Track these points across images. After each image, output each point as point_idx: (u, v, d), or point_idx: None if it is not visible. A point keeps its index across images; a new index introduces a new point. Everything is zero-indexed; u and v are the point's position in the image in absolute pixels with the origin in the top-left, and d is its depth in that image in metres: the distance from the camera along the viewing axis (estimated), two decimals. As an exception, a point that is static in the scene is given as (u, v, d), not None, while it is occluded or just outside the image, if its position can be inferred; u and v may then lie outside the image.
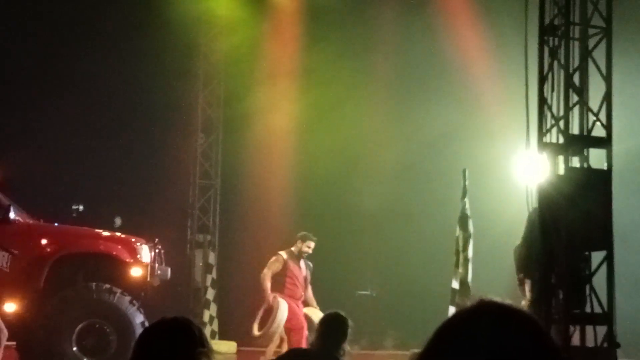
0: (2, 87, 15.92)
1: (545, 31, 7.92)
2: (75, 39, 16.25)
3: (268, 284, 11.75)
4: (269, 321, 11.50)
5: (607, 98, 7.82)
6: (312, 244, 12.12)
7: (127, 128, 16.66)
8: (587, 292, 7.50)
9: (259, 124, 17.31)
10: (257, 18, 17.25)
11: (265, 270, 11.86)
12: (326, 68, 16.47)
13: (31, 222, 11.46)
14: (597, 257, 7.63)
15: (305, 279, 12.16)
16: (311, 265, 12.30)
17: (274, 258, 12.02)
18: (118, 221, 13.24)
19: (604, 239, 7.58)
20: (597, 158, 7.85)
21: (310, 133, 16.83)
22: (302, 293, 12.07)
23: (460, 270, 11.27)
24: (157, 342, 3.35)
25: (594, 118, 7.82)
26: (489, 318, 1.63)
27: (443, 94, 16.84)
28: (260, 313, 11.72)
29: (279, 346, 12.12)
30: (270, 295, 11.63)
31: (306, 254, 12.14)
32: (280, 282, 11.90)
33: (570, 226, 7.42)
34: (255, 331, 11.63)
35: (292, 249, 12.13)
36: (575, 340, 7.55)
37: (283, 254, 12.05)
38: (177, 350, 3.30)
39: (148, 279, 11.57)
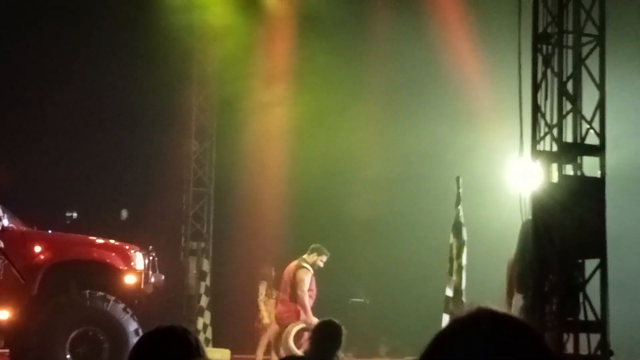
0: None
1: (538, 39, 7.95)
2: (69, 45, 16.23)
3: (308, 304, 11.60)
4: (302, 340, 11.33)
5: (601, 106, 7.84)
6: (325, 259, 11.98)
7: (120, 135, 16.63)
8: (581, 299, 7.51)
9: (252, 131, 17.31)
10: (250, 25, 17.26)
11: (304, 288, 11.57)
12: (321, 75, 16.47)
13: (25, 229, 11.45)
14: (590, 264, 7.64)
15: None
16: None
17: (303, 273, 11.67)
18: (124, 214, 13.18)
19: (597, 246, 7.60)
20: (590, 166, 7.87)
21: (304, 140, 16.83)
22: None
23: (454, 277, 11.26)
24: (153, 350, 3.34)
25: (588, 126, 7.84)
26: (485, 325, 1.66)
27: (437, 102, 16.86)
28: (295, 328, 11.44)
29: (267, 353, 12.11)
30: (312, 317, 11.33)
31: (317, 267, 11.97)
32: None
33: (564, 234, 7.44)
34: (292, 343, 11.36)
35: (307, 259, 11.96)
36: (569, 348, 7.55)
37: (310, 268, 11.83)
38: None
39: (142, 287, 11.56)
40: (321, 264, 11.91)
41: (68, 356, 10.80)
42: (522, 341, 1.65)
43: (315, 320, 11.00)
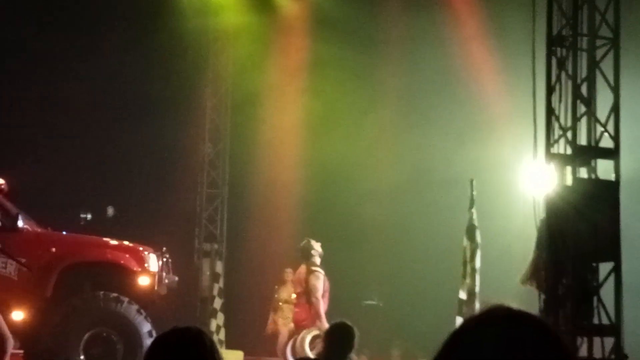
0: (10, 92, 15.93)
1: (553, 42, 7.93)
2: (83, 48, 16.28)
3: (323, 310, 11.41)
4: (315, 344, 11.26)
5: (615, 109, 7.82)
6: (319, 245, 11.74)
7: (134, 137, 16.67)
8: (595, 303, 7.48)
9: (266, 133, 17.33)
10: (265, 27, 17.29)
11: (318, 295, 11.35)
12: (335, 79, 16.48)
13: (39, 230, 11.49)
14: (604, 268, 7.62)
15: None
16: None
17: (314, 279, 11.47)
18: (110, 210, 13.08)
19: (611, 250, 7.57)
20: (604, 169, 7.84)
21: (317, 142, 16.84)
22: None
23: (468, 280, 11.25)
24: (168, 352, 3.34)
25: (602, 129, 7.82)
26: (501, 322, 1.64)
27: (451, 104, 16.83)
28: (310, 335, 11.34)
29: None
30: (326, 324, 11.12)
31: (322, 256, 11.79)
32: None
33: (578, 237, 7.42)
34: (307, 348, 11.29)
35: (314, 260, 11.72)
36: (583, 351, 7.53)
37: (320, 270, 11.57)
38: None
39: (155, 288, 11.58)
40: (321, 250, 11.69)
41: (82, 357, 10.83)
42: (537, 340, 1.61)
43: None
